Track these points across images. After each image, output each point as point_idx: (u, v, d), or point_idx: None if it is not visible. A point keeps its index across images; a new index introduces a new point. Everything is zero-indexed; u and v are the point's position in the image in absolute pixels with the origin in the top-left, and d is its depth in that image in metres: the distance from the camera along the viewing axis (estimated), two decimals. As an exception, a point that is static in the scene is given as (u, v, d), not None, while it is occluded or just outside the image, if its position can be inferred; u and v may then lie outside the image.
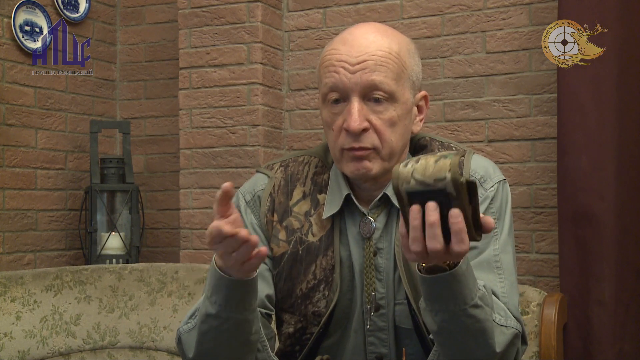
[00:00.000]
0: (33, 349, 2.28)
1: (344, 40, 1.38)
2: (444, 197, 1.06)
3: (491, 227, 1.10)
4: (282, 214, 1.44)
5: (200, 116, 2.79)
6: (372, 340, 1.41)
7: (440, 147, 1.45)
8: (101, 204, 2.87)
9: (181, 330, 1.35)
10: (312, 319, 1.40)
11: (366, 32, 1.38)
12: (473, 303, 1.18)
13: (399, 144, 1.38)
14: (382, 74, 1.33)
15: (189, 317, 1.35)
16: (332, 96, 1.36)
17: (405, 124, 1.38)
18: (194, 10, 2.81)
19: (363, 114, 1.33)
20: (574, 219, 2.25)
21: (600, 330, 2.20)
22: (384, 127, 1.34)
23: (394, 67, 1.35)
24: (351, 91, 1.34)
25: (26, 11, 2.80)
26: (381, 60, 1.34)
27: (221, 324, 1.25)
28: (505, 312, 1.31)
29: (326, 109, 1.39)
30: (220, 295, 1.23)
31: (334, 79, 1.35)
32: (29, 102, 2.83)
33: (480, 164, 1.43)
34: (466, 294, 1.17)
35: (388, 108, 1.35)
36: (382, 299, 1.40)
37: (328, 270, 1.39)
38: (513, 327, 1.30)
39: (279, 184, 1.47)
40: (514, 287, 1.37)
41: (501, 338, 1.27)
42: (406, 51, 1.39)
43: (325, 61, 1.38)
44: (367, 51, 1.34)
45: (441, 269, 1.15)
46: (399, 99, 1.36)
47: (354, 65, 1.34)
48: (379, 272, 1.40)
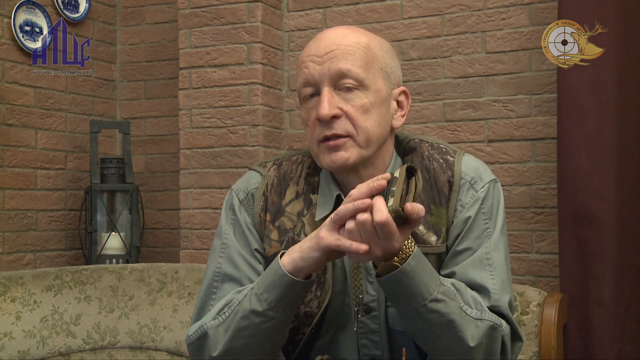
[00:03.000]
0: (33, 349, 2.28)
1: (315, 39, 1.41)
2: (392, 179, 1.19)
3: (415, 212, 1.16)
4: (275, 213, 1.44)
5: (200, 116, 2.79)
6: (365, 343, 1.41)
7: (429, 148, 1.44)
8: (101, 204, 2.87)
9: (208, 325, 1.35)
10: (304, 319, 1.40)
11: (336, 30, 1.41)
12: (432, 297, 1.22)
13: (375, 131, 1.37)
14: (350, 62, 1.35)
15: (217, 312, 1.35)
16: (305, 91, 1.38)
17: (380, 112, 1.38)
18: (194, 10, 2.81)
19: (334, 103, 1.34)
20: (574, 219, 2.24)
21: (600, 330, 2.20)
22: (356, 113, 1.35)
23: (361, 55, 1.36)
24: (321, 82, 1.35)
25: (26, 11, 2.80)
26: (348, 49, 1.35)
27: (263, 322, 1.28)
28: (482, 306, 1.31)
29: (303, 106, 1.40)
30: (273, 293, 1.26)
31: (305, 74, 1.37)
32: (29, 102, 2.83)
33: (471, 165, 1.43)
34: (422, 289, 1.22)
35: (359, 95, 1.35)
36: (373, 301, 1.39)
37: (320, 271, 1.39)
38: (488, 320, 1.30)
39: (272, 182, 1.46)
40: (505, 284, 1.37)
41: (475, 331, 1.28)
42: (377, 44, 1.40)
43: (298, 61, 1.41)
44: (334, 42, 1.36)
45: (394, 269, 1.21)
46: (369, 86, 1.36)
47: (322, 57, 1.36)
48: (369, 275, 1.40)
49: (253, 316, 1.28)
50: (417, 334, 1.29)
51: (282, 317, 1.29)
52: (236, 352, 1.31)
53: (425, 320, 1.24)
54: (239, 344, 1.30)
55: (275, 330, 1.30)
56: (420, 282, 1.21)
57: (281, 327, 1.31)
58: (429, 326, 1.24)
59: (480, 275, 1.34)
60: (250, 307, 1.28)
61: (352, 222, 1.18)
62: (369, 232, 1.17)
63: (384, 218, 1.15)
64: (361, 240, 1.19)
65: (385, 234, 1.16)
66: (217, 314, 1.35)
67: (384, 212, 1.15)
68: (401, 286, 1.21)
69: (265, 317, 1.27)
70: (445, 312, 1.24)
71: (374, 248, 1.18)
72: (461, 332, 1.26)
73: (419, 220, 1.19)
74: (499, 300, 1.34)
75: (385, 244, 1.18)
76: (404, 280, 1.21)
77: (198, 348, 1.36)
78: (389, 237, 1.17)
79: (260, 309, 1.27)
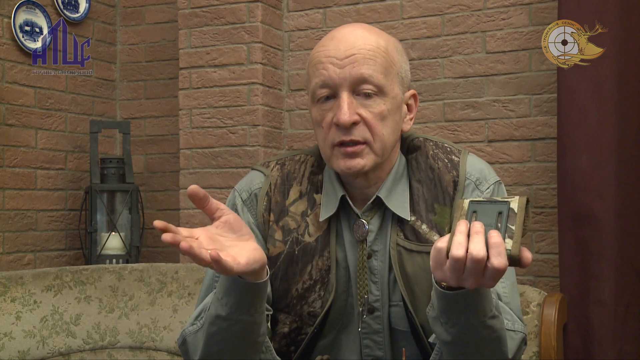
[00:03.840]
0: (33, 349, 2.28)
1: (331, 37, 1.38)
2: (504, 208, 1.07)
3: (528, 262, 1.07)
4: (279, 213, 1.44)
5: (200, 116, 2.79)
6: (367, 343, 1.41)
7: (434, 147, 1.45)
8: (101, 204, 2.87)
9: (186, 332, 1.34)
10: (308, 319, 1.40)
11: (353, 29, 1.38)
12: (491, 314, 1.18)
13: (390, 138, 1.37)
14: (371, 67, 1.33)
15: (195, 318, 1.35)
16: (321, 93, 1.36)
17: (395, 119, 1.38)
18: (194, 10, 2.81)
19: (353, 107, 1.33)
20: (574, 219, 2.24)
21: (600, 330, 2.20)
22: (374, 120, 1.34)
23: (382, 61, 1.35)
24: (340, 86, 1.33)
25: (26, 11, 2.80)
26: (369, 54, 1.34)
27: (231, 326, 1.25)
28: (512, 316, 1.31)
29: (316, 107, 1.38)
30: (231, 297, 1.22)
31: (323, 76, 1.35)
32: (29, 102, 2.83)
33: (476, 165, 1.43)
34: (485, 306, 1.17)
35: (378, 102, 1.34)
36: (376, 301, 1.39)
37: (324, 271, 1.39)
38: (521, 331, 1.31)
39: (276, 182, 1.46)
40: (514, 287, 1.37)
41: (511, 343, 1.28)
42: (394, 47, 1.39)
43: (313, 59, 1.38)
44: (355, 45, 1.34)
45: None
46: (388, 93, 1.35)
47: (342, 60, 1.33)
48: (373, 275, 1.39)
49: (219, 321, 1.25)
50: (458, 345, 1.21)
51: (250, 319, 1.24)
52: (214, 355, 1.29)
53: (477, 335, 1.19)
54: (215, 349, 1.29)
55: (247, 332, 1.26)
56: (486, 299, 1.16)
57: (253, 327, 1.26)
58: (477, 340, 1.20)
59: None
60: (215, 313, 1.25)
61: (462, 250, 1.06)
62: (479, 270, 1.06)
63: (503, 267, 1.04)
64: (462, 272, 1.07)
65: (495, 277, 1.06)
66: (195, 319, 1.34)
67: (504, 259, 1.05)
68: (469, 302, 1.15)
69: (231, 320, 1.23)
70: (498, 328, 1.20)
71: (473, 282, 1.08)
72: (505, 346, 1.24)
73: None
74: (509, 304, 1.34)
75: (487, 282, 1.08)
76: (474, 297, 1.15)
77: (185, 352, 1.36)
78: (496, 279, 1.07)
79: (223, 313, 1.23)
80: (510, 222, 1.07)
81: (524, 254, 1.06)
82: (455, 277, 1.08)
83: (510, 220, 1.07)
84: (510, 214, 1.07)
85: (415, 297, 1.36)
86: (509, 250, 1.05)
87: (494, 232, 1.06)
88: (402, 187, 1.41)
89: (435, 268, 1.11)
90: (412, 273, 1.36)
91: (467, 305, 1.16)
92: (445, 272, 1.09)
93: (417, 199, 1.40)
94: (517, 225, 1.06)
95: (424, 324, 1.35)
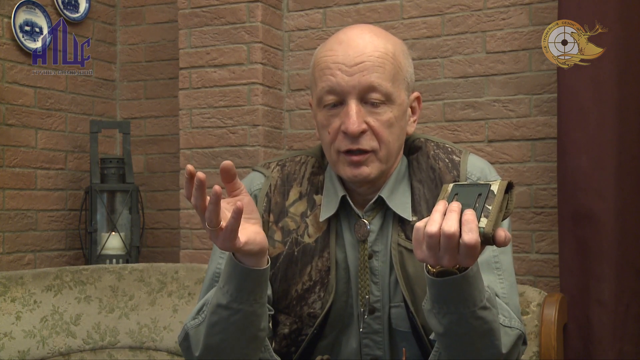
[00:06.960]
0: (33, 349, 2.28)
1: (339, 41, 1.37)
2: (484, 190, 1.10)
3: (505, 241, 1.08)
4: (278, 214, 1.44)
5: (200, 116, 2.79)
6: (367, 343, 1.41)
7: (435, 147, 1.45)
8: (101, 204, 2.87)
9: (188, 325, 1.34)
10: (308, 320, 1.40)
11: (361, 33, 1.37)
12: (482, 305, 1.18)
13: (395, 145, 1.38)
14: (380, 76, 1.33)
15: (196, 312, 1.35)
16: (329, 100, 1.35)
17: (401, 125, 1.38)
18: (194, 10, 2.81)
19: (361, 116, 1.33)
20: (574, 219, 2.24)
21: (600, 330, 2.20)
22: (381, 128, 1.34)
23: (390, 68, 1.34)
24: (348, 93, 1.33)
25: (26, 11, 2.80)
26: (379, 62, 1.33)
27: (231, 315, 1.25)
28: (509, 313, 1.31)
29: (322, 112, 1.37)
30: (232, 284, 1.23)
31: (331, 82, 1.34)
32: (29, 102, 2.83)
33: (476, 164, 1.43)
34: (475, 296, 1.17)
35: (385, 110, 1.34)
36: (377, 301, 1.39)
37: (324, 272, 1.39)
38: (517, 328, 1.30)
39: (276, 183, 1.46)
40: (513, 288, 1.37)
41: (506, 339, 1.27)
42: (401, 52, 1.39)
43: (320, 63, 1.37)
44: (364, 52, 1.33)
45: (451, 273, 1.14)
46: (395, 100, 1.35)
47: (352, 67, 1.33)
48: (374, 275, 1.40)
49: (220, 310, 1.26)
50: (451, 336, 1.22)
51: (249, 309, 1.24)
52: (214, 349, 1.30)
53: (468, 326, 1.19)
54: (215, 340, 1.29)
55: (247, 323, 1.26)
56: (476, 288, 1.16)
57: (252, 319, 1.26)
58: (469, 331, 1.20)
59: (488, 278, 1.32)
60: (217, 302, 1.26)
61: (436, 226, 1.08)
62: (452, 246, 1.08)
63: (474, 242, 1.06)
64: (437, 249, 1.09)
65: (468, 254, 1.08)
66: (196, 313, 1.35)
67: (475, 235, 1.06)
68: (458, 290, 1.15)
69: (231, 309, 1.24)
70: (489, 320, 1.20)
71: (449, 260, 1.09)
72: (497, 340, 1.23)
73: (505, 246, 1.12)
74: (509, 304, 1.33)
75: (462, 259, 1.09)
76: (463, 285, 1.15)
77: (186, 349, 1.36)
78: (470, 257, 1.08)
79: (224, 302, 1.25)
80: (488, 202, 1.09)
81: (498, 233, 1.07)
82: (432, 255, 1.10)
83: (488, 201, 1.09)
84: (490, 195, 1.09)
85: (416, 298, 1.36)
86: (482, 228, 1.07)
87: (468, 211, 1.08)
88: (403, 187, 1.42)
89: (416, 247, 1.12)
90: (413, 273, 1.36)
91: (457, 293, 1.16)
92: (424, 250, 1.10)
93: (419, 199, 1.40)
94: (494, 205, 1.08)
95: (425, 324, 1.35)
